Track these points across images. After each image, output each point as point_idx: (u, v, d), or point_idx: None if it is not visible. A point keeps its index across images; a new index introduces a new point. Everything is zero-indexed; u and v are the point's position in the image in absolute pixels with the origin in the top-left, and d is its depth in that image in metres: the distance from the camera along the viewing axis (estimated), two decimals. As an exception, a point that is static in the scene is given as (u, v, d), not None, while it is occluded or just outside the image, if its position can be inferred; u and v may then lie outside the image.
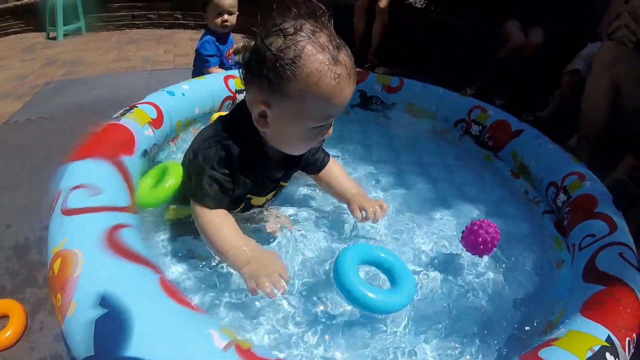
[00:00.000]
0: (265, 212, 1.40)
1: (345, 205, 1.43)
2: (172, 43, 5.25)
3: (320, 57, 1.00)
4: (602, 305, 1.00)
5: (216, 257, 1.15)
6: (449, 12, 4.69)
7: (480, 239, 1.24)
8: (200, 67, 2.68)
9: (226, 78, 2.14)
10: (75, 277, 0.79)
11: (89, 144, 1.23)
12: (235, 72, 2.25)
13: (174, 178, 1.28)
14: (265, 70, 1.03)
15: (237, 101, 2.19)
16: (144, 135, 1.43)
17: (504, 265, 1.41)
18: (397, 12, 4.43)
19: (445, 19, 4.55)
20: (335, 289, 1.07)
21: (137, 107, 1.53)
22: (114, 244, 0.86)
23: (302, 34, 1.01)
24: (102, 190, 1.02)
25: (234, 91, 2.14)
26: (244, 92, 1.18)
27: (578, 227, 1.38)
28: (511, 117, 2.08)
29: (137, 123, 1.43)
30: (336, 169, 1.49)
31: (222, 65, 2.74)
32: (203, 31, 2.72)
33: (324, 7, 1.06)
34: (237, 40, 2.78)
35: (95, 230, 0.89)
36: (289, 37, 1.00)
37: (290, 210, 1.47)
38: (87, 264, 0.81)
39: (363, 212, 1.34)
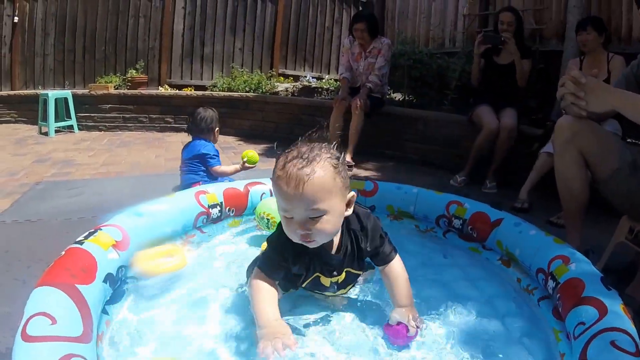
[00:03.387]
0: (332, 298, 1.65)
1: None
2: (163, 147, 5.40)
3: (278, 162, 1.33)
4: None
5: None
6: (425, 107, 5.01)
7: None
8: (198, 171, 3.12)
9: (197, 194, 2.23)
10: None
11: (52, 270, 1.33)
12: (207, 187, 2.41)
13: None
14: None
15: (211, 216, 2.34)
16: (107, 260, 1.50)
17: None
18: (375, 109, 4.64)
19: (421, 113, 4.80)
20: None
21: (101, 229, 1.60)
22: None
23: (288, 151, 1.35)
24: (57, 320, 1.12)
25: (206, 207, 2.22)
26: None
27: (570, 314, 1.34)
28: (487, 207, 2.12)
29: (100, 247, 1.50)
30: (399, 269, 1.57)
31: None
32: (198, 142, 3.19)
33: (332, 142, 1.39)
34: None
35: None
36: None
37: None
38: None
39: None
